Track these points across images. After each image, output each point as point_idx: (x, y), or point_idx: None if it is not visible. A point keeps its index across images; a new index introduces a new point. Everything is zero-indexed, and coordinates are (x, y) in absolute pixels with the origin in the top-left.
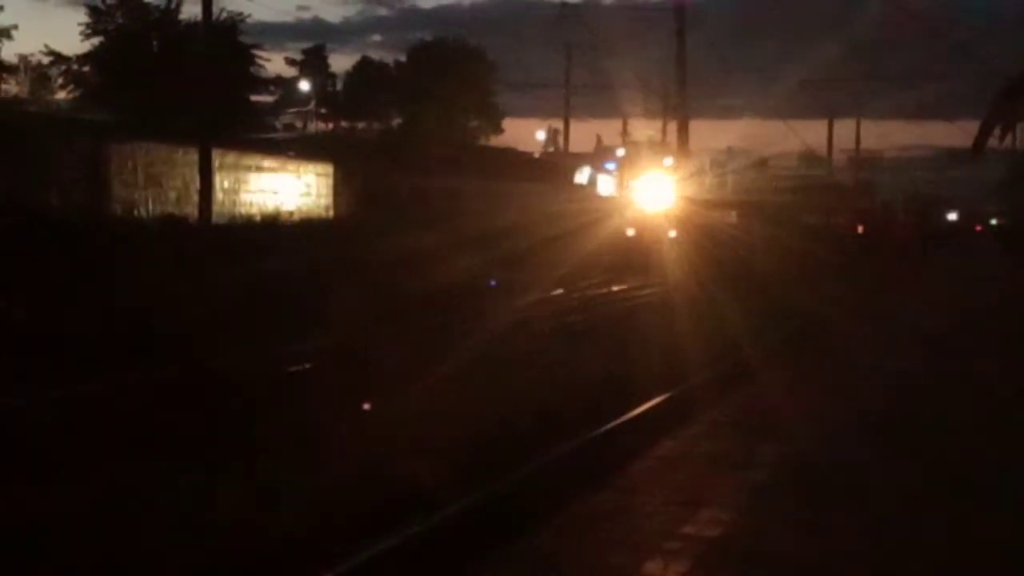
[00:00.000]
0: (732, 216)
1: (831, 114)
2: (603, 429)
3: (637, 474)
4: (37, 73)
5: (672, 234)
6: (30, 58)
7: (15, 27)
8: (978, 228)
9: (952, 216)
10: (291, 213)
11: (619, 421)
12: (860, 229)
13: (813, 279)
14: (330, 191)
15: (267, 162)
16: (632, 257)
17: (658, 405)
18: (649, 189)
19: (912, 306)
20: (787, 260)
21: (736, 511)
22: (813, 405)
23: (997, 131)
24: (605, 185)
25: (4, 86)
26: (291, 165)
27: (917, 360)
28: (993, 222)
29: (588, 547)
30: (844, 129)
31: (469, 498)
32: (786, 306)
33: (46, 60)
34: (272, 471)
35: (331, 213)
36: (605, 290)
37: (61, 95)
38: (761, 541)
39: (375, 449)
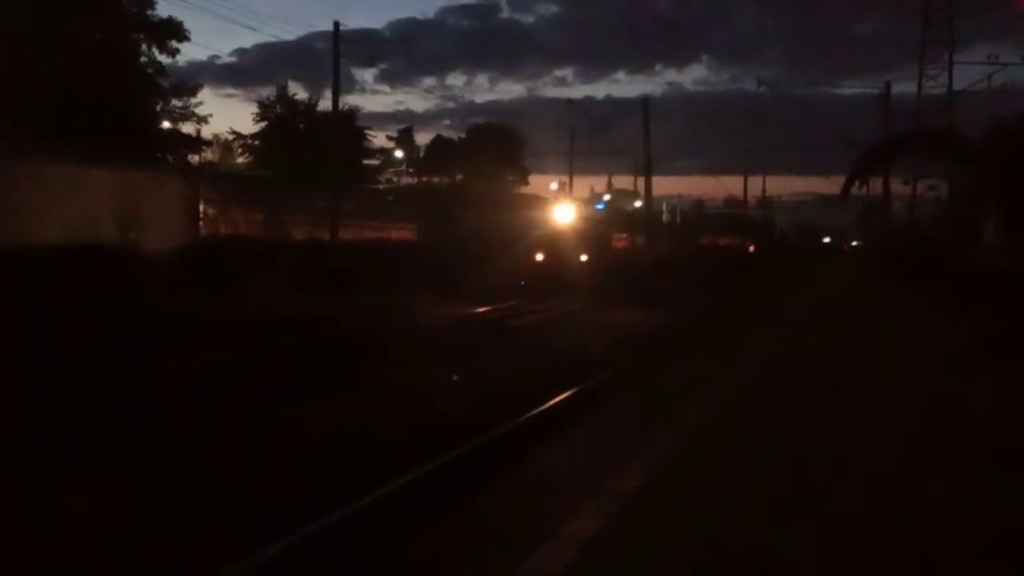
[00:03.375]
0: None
1: (746, 172)
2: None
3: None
4: (224, 146)
5: (583, 258)
6: (220, 136)
7: (211, 115)
8: (844, 247)
9: (827, 239)
10: (388, 237)
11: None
12: (752, 248)
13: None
14: (414, 224)
15: (373, 205)
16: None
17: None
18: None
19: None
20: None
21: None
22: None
23: (857, 183)
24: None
25: (202, 155)
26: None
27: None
28: (854, 243)
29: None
30: (755, 181)
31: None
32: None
33: (230, 137)
34: None
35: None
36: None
37: (240, 160)
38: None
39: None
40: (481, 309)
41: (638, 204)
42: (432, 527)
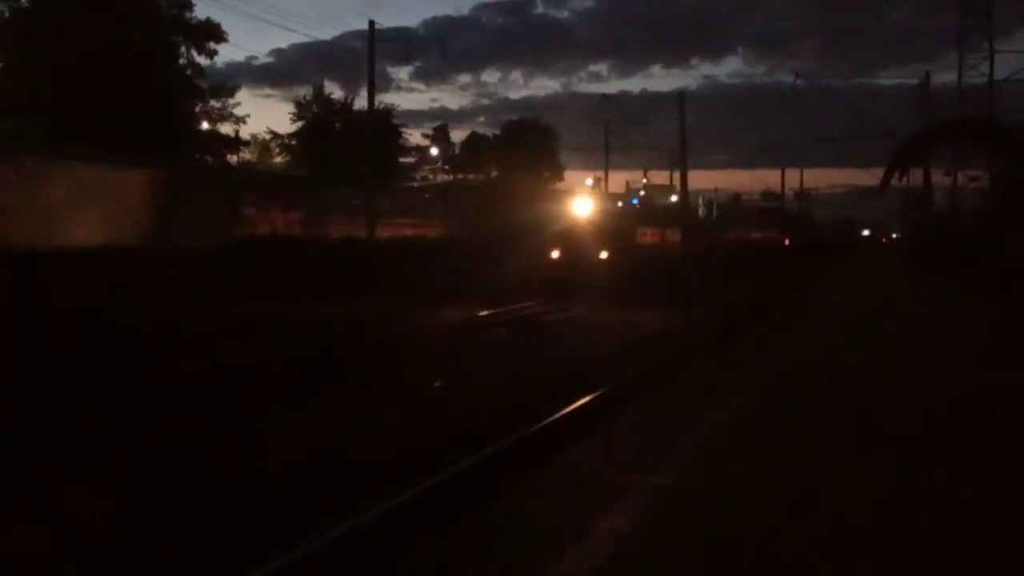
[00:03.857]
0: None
1: (783, 165)
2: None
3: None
4: (262, 146)
5: (603, 255)
6: (257, 136)
7: (248, 115)
8: (883, 240)
9: (866, 232)
10: (423, 235)
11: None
12: (787, 242)
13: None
14: (445, 222)
15: (408, 203)
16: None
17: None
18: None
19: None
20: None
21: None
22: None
23: (897, 175)
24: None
25: (240, 155)
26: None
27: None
28: (894, 236)
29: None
30: (793, 175)
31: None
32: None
33: (268, 136)
34: None
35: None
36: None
37: (277, 159)
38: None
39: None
40: (484, 312)
41: (674, 198)
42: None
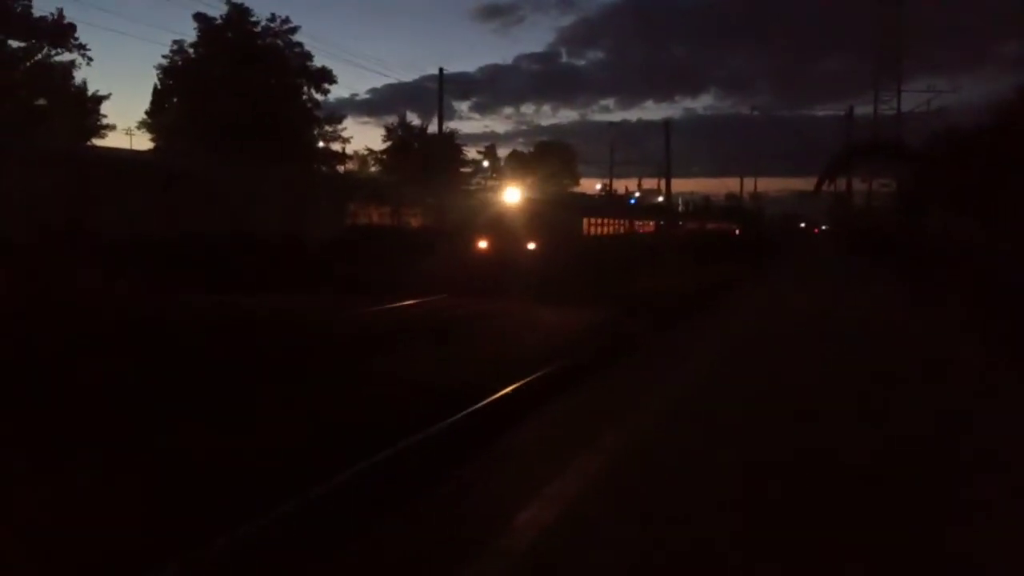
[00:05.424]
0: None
1: (742, 174)
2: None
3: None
4: (361, 159)
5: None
6: (358, 152)
7: (352, 137)
8: (815, 231)
9: (802, 224)
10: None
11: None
12: (737, 231)
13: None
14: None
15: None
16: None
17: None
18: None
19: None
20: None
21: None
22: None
23: (827, 182)
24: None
25: (346, 165)
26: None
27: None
28: (823, 227)
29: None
30: (749, 183)
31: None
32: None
33: (366, 152)
34: None
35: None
36: None
37: (372, 169)
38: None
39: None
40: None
41: (660, 198)
42: None
